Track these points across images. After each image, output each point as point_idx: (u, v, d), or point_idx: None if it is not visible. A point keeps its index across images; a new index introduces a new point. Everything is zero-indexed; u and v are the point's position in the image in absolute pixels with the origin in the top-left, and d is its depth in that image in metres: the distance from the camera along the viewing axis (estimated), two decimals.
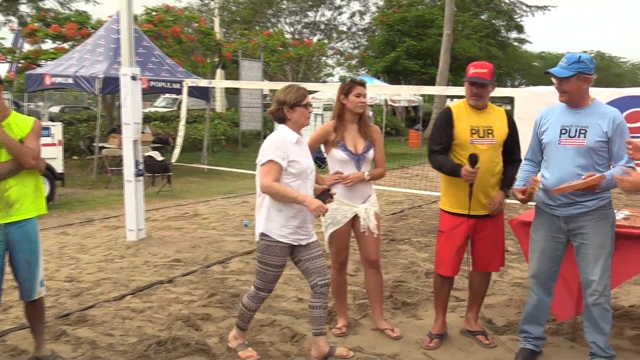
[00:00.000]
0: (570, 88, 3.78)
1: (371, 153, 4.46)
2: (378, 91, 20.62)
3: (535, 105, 6.62)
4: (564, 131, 3.83)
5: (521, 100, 6.94)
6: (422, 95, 25.99)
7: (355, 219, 4.48)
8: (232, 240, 7.68)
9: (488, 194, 4.24)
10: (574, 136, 3.78)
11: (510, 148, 4.31)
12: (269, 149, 3.81)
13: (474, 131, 4.20)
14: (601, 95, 5.24)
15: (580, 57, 3.78)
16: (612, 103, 5.21)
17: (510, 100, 7.83)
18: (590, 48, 52.55)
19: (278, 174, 3.78)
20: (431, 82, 27.04)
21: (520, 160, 4.30)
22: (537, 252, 4.04)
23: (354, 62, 37.95)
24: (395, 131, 28.61)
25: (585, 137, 3.75)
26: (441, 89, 14.63)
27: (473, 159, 4.07)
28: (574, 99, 3.82)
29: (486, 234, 4.32)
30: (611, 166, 3.82)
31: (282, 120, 3.93)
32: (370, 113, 21.49)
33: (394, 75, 32.33)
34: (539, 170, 4.09)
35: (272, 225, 3.87)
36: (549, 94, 6.66)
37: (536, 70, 47.06)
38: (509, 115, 4.40)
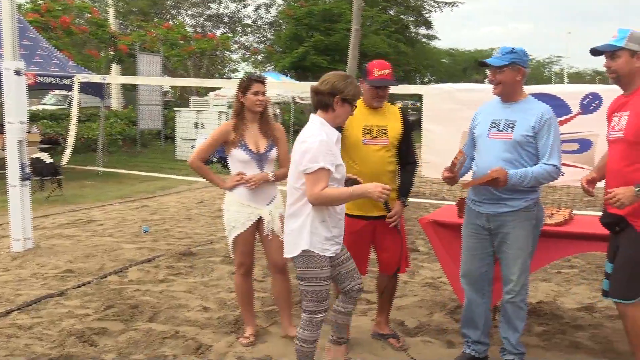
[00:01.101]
0: (504, 78, 3.91)
1: (274, 152, 4.49)
2: (285, 88, 20.68)
3: (443, 103, 6.91)
4: (493, 125, 3.96)
5: (430, 98, 7.15)
6: None
7: (259, 221, 4.49)
8: (130, 247, 7.50)
9: (394, 196, 4.35)
10: (503, 130, 3.91)
11: (405, 150, 4.39)
12: (318, 154, 3.47)
13: (366, 131, 4.28)
14: None
15: (513, 48, 3.92)
16: None
17: (419, 98, 8.06)
18: (497, 45, 54.84)
19: (327, 182, 3.50)
20: None
21: (415, 163, 4.44)
22: (465, 250, 4.15)
23: (259, 57, 37.86)
24: None
25: (512, 130, 3.88)
26: None
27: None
28: (507, 91, 3.95)
29: (388, 236, 4.41)
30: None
31: (324, 107, 3.62)
32: (278, 111, 21.52)
33: (301, 72, 32.52)
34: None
35: (315, 239, 3.60)
36: (457, 91, 6.92)
37: (445, 66, 48.69)
38: (404, 114, 4.49)
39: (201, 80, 19.07)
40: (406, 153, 4.40)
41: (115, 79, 17.70)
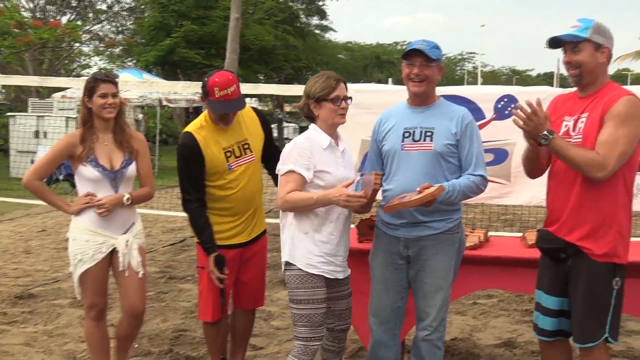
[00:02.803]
0: (433, 74, 3.96)
1: (132, 168, 4.41)
2: (149, 88, 20.38)
3: None
4: (407, 134, 3.96)
5: None
6: None
7: (113, 254, 4.38)
8: None
9: (260, 215, 4.44)
10: (419, 140, 3.92)
11: (272, 153, 4.48)
12: (288, 157, 3.90)
13: (228, 153, 4.33)
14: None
15: (436, 43, 3.99)
16: None
17: None
18: (403, 39, 56.51)
19: (299, 186, 3.85)
20: None
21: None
22: (378, 283, 4.10)
23: (117, 50, 37.17)
24: (173, 139, 28.46)
25: (432, 140, 3.90)
26: None
27: (219, 261, 4.25)
28: (428, 90, 3.99)
29: (254, 263, 4.51)
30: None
31: (312, 118, 4.02)
32: (140, 116, 21.17)
33: (170, 68, 32.21)
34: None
35: (297, 251, 3.91)
36: (356, 92, 6.92)
37: (342, 63, 49.58)
38: (259, 113, 4.60)
39: (42, 78, 18.47)
40: (273, 156, 4.37)
41: None
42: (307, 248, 3.88)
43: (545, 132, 3.46)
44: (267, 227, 4.69)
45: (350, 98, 4.05)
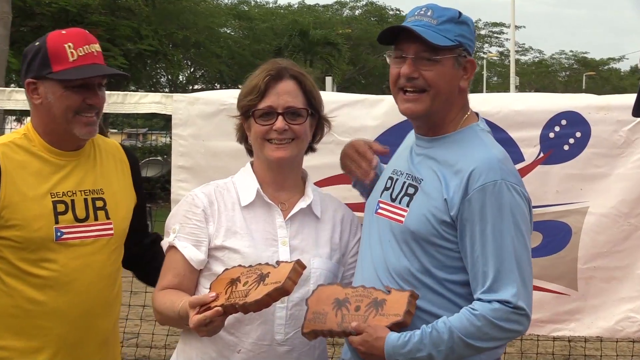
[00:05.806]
0: (438, 79, 3.53)
1: None
2: None
3: (221, 135, 5.92)
4: (389, 183, 3.76)
5: (189, 122, 6.26)
6: None
7: None
8: None
9: (94, 354, 4.00)
10: (397, 198, 3.65)
11: (138, 224, 4.25)
12: (173, 218, 3.74)
13: (62, 205, 3.83)
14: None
15: (459, 13, 3.57)
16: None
17: (165, 124, 6.67)
18: None
19: (183, 276, 3.62)
20: None
21: (159, 237, 4.53)
22: None
23: None
24: None
25: (409, 203, 3.57)
26: None
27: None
28: (435, 110, 3.59)
29: None
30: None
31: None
32: None
33: None
34: None
35: (185, 355, 3.74)
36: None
37: (230, 45, 40.44)
38: (133, 157, 4.33)
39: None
40: (141, 227, 4.32)
41: None
42: (200, 350, 3.66)
43: None
44: None
45: (307, 111, 3.66)
